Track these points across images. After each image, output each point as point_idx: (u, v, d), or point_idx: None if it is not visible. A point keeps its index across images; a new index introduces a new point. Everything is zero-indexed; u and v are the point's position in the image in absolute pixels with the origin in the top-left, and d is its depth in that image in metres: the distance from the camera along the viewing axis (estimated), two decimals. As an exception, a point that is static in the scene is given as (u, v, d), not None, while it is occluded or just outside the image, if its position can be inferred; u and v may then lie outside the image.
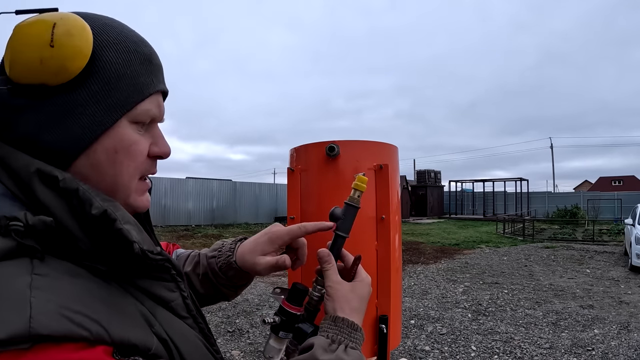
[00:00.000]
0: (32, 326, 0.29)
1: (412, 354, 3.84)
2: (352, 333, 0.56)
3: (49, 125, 0.41)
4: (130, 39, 0.46)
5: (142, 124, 0.47)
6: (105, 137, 0.43)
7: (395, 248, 0.92)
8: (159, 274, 0.46)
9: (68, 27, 0.40)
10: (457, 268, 8.19)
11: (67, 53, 0.39)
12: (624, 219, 11.56)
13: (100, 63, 0.43)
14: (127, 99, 0.44)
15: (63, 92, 0.41)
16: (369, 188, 0.90)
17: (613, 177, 54.57)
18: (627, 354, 3.76)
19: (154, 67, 0.48)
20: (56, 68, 0.39)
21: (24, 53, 0.39)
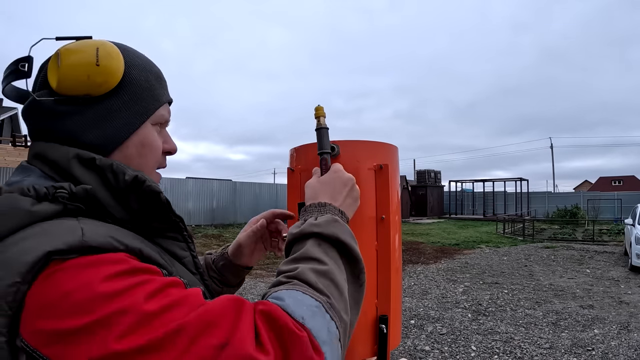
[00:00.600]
0: (84, 239, 0.40)
1: (412, 354, 3.84)
2: (320, 208, 0.63)
3: (90, 126, 0.52)
4: (145, 61, 0.59)
5: (159, 125, 0.60)
6: (135, 135, 0.55)
7: (395, 248, 0.92)
8: (174, 234, 0.56)
9: (108, 51, 0.51)
10: (457, 268, 8.19)
11: (109, 70, 0.51)
12: (624, 219, 11.56)
13: (128, 79, 0.54)
14: (149, 107, 0.57)
15: (101, 101, 0.52)
16: (369, 188, 0.90)
17: (613, 177, 54.58)
18: (627, 354, 3.76)
19: (163, 82, 0.62)
20: (100, 82, 0.51)
21: (73, 70, 0.50)
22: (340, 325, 0.48)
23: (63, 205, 0.44)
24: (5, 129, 21.32)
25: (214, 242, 11.84)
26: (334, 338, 0.46)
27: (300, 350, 0.41)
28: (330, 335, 0.46)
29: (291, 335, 0.41)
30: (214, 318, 0.40)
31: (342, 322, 0.49)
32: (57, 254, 0.39)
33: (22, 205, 0.42)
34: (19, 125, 23.40)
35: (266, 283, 6.54)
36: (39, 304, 0.37)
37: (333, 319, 0.47)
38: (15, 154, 14.35)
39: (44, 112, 0.51)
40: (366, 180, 0.89)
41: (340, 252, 0.57)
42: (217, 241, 12.03)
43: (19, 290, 0.37)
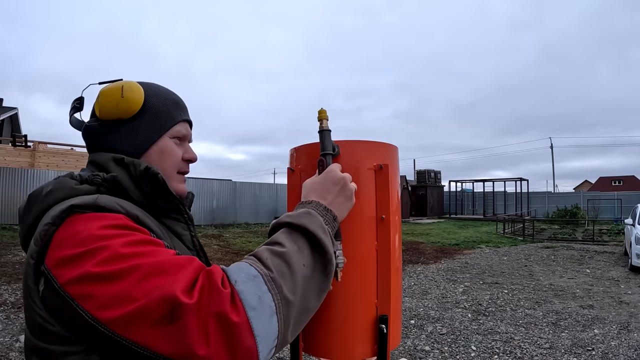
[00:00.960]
0: (97, 201, 0.59)
1: (412, 354, 3.83)
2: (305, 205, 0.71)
3: (122, 140, 0.72)
4: (164, 91, 0.79)
5: (177, 139, 0.78)
6: (155, 145, 0.74)
7: (395, 248, 0.92)
8: (176, 215, 0.74)
9: (130, 87, 0.72)
10: (457, 268, 8.18)
11: (131, 100, 0.71)
12: (624, 219, 11.55)
13: (149, 105, 0.74)
14: (166, 124, 0.76)
15: (129, 122, 0.72)
16: (369, 188, 0.90)
17: (613, 177, 54.55)
18: (627, 354, 3.76)
19: (180, 106, 0.80)
20: (125, 108, 0.71)
21: (107, 102, 0.71)
22: (279, 300, 0.54)
23: (97, 186, 0.65)
24: (5, 129, 21.31)
25: (214, 242, 11.83)
26: (266, 308, 0.52)
27: (217, 302, 0.49)
28: (262, 305, 0.52)
29: (215, 289, 0.50)
30: (167, 267, 0.52)
31: (284, 299, 0.55)
32: (77, 207, 0.57)
33: (69, 184, 0.63)
34: (19, 125, 23.39)
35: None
36: (58, 240, 0.55)
37: (270, 292, 0.53)
38: (15, 154, 14.34)
39: (92, 132, 0.74)
40: (366, 180, 0.89)
41: (309, 242, 0.63)
42: (217, 241, 12.03)
43: (49, 230, 0.56)
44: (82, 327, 0.52)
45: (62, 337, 0.55)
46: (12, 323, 4.31)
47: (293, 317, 0.56)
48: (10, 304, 4.91)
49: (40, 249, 0.56)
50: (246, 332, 0.50)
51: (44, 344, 0.56)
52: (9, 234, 11.03)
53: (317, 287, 0.62)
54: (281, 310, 0.54)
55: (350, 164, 0.87)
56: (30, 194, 0.66)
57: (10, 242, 9.69)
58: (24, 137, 15.46)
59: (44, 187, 0.64)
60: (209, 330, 0.48)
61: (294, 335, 0.58)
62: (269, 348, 0.52)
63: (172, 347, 0.48)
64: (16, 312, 4.65)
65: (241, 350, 0.49)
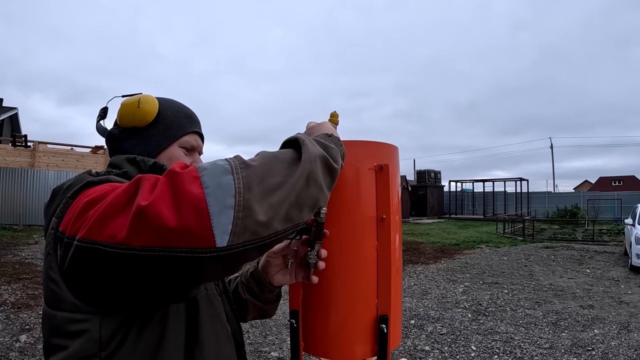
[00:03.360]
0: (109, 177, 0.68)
1: (412, 354, 3.84)
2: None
3: (137, 145, 0.81)
4: (178, 105, 0.87)
5: (186, 149, 0.85)
6: (165, 152, 0.82)
7: (395, 248, 0.92)
8: None
9: (146, 99, 0.81)
10: (457, 268, 8.19)
11: (146, 111, 0.80)
12: (624, 219, 11.55)
13: (162, 116, 0.83)
14: (176, 134, 0.84)
15: (144, 130, 0.81)
16: (370, 188, 0.90)
17: (613, 177, 54.55)
18: (627, 354, 3.76)
19: (192, 119, 0.88)
20: (140, 118, 0.80)
21: (126, 112, 0.80)
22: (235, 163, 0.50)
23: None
24: (5, 129, 21.31)
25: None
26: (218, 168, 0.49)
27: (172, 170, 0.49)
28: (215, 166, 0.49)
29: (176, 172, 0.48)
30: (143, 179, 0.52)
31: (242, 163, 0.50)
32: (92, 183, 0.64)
33: (86, 178, 0.67)
34: (19, 125, 23.39)
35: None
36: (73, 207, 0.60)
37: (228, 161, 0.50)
38: (15, 153, 14.34)
39: (113, 138, 0.83)
40: (366, 180, 0.89)
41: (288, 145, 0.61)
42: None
43: (68, 202, 0.62)
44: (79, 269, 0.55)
45: (67, 302, 0.58)
46: (12, 323, 4.31)
47: (256, 181, 0.49)
48: (10, 304, 4.91)
49: (59, 219, 0.61)
50: (191, 180, 0.47)
51: (52, 311, 0.60)
52: (9, 234, 11.03)
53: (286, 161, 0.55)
54: (238, 171, 0.49)
55: (350, 163, 0.87)
56: (54, 189, 0.72)
57: (11, 242, 9.69)
58: (24, 137, 15.46)
59: (65, 183, 0.71)
60: (156, 186, 0.48)
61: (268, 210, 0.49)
62: (224, 205, 0.46)
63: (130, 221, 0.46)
64: (16, 312, 4.65)
65: (185, 196, 0.45)
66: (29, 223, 12.87)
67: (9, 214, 12.88)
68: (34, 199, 13.10)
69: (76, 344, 0.58)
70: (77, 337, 0.58)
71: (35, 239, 10.29)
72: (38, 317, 4.52)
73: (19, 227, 12.19)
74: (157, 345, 0.62)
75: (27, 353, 3.61)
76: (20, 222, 12.76)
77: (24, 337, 3.94)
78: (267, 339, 4.16)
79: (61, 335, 0.59)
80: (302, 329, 0.93)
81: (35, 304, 4.95)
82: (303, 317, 0.92)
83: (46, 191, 12.67)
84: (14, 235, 10.94)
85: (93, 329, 0.58)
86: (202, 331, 0.70)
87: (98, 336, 0.58)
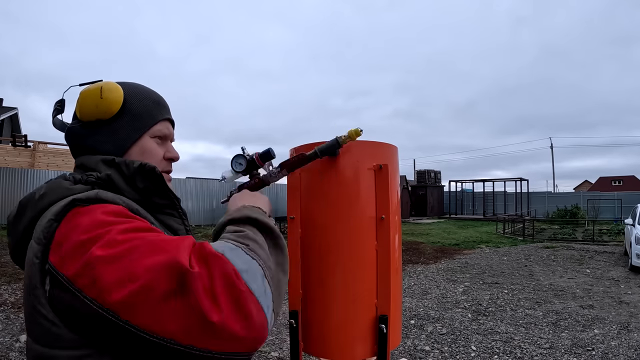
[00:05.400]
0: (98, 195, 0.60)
1: (412, 354, 3.83)
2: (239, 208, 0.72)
3: (103, 141, 0.72)
4: (144, 91, 0.78)
5: (158, 138, 0.78)
6: (136, 144, 0.75)
7: (395, 248, 0.92)
8: (171, 210, 0.74)
9: (109, 87, 0.71)
10: (457, 268, 8.18)
11: (110, 101, 0.71)
12: (624, 219, 11.55)
13: (128, 105, 0.74)
14: (145, 124, 0.76)
15: (109, 123, 0.73)
16: (369, 188, 0.90)
17: (613, 177, 54.51)
18: (627, 354, 3.76)
19: (161, 106, 0.80)
20: (104, 109, 0.71)
21: (87, 103, 0.71)
22: (264, 265, 0.56)
23: (92, 185, 0.65)
24: (5, 129, 21.30)
25: (214, 242, 11.81)
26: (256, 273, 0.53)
27: (220, 267, 0.50)
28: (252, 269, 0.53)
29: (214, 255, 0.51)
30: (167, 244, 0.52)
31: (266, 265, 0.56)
32: (79, 201, 0.58)
33: (63, 185, 0.63)
34: (19, 126, 23.38)
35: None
36: (61, 234, 0.55)
37: (254, 259, 0.55)
38: (15, 153, 14.33)
39: (74, 134, 0.74)
40: (366, 181, 0.89)
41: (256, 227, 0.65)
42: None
43: (52, 226, 0.56)
44: (90, 321, 0.51)
45: (67, 340, 0.54)
46: (12, 323, 4.31)
47: (274, 285, 0.56)
48: (10, 304, 4.91)
49: (44, 247, 0.55)
50: (249, 295, 0.50)
51: (48, 350, 0.54)
52: (9, 234, 11.02)
53: (281, 264, 0.63)
54: (267, 274, 0.55)
55: (350, 164, 0.87)
56: (21, 201, 0.65)
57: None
58: (24, 137, 15.45)
59: (36, 192, 0.64)
60: (217, 296, 0.48)
61: (279, 307, 0.58)
62: (270, 311, 0.53)
63: (182, 321, 0.47)
64: (16, 312, 4.65)
65: (250, 312, 0.49)
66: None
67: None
68: (34, 199, 13.08)
69: None
70: None
71: (35, 239, 10.26)
72: (38, 317, 4.51)
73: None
74: None
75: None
76: (20, 222, 12.75)
77: (24, 337, 3.94)
78: (267, 339, 4.15)
79: None
80: (301, 329, 0.92)
81: (35, 304, 4.95)
82: (303, 317, 0.92)
83: (46, 191, 12.63)
84: (14, 235, 10.94)
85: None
86: None
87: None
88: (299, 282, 0.93)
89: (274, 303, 0.54)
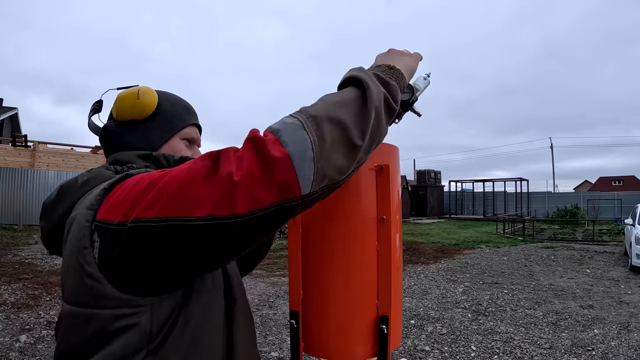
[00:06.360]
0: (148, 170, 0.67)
1: (412, 354, 3.84)
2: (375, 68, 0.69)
3: (137, 139, 0.78)
4: (176, 98, 0.86)
5: (187, 140, 0.84)
6: (166, 144, 0.80)
7: (396, 248, 0.92)
8: None
9: (146, 91, 0.78)
10: (457, 268, 8.19)
11: (145, 102, 0.77)
12: (624, 219, 11.55)
13: (161, 108, 0.80)
14: (176, 126, 0.82)
15: (143, 122, 0.79)
16: (370, 188, 0.90)
17: (613, 177, 54.54)
18: (627, 354, 3.76)
19: (190, 112, 0.86)
20: (140, 110, 0.77)
21: (124, 104, 0.77)
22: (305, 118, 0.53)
23: None
24: (5, 129, 21.31)
25: (214, 242, 11.81)
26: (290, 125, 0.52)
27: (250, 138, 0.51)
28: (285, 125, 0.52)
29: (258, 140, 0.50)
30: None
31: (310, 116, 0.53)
32: (131, 175, 0.61)
33: (106, 173, 0.68)
34: (19, 125, 23.39)
35: (266, 283, 6.54)
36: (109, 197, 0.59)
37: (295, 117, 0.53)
38: (15, 153, 14.33)
39: (110, 133, 0.79)
40: (367, 181, 0.89)
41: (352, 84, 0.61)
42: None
43: (104, 194, 0.60)
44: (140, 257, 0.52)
45: (112, 298, 0.55)
46: (12, 323, 4.31)
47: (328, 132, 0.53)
48: (10, 304, 4.91)
49: (95, 212, 0.58)
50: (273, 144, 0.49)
51: (91, 310, 0.56)
52: (9, 234, 11.03)
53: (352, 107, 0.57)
54: (309, 125, 0.52)
55: (350, 164, 0.87)
56: (62, 186, 0.68)
57: (11, 242, 9.69)
58: (24, 137, 15.45)
59: (78, 178, 0.68)
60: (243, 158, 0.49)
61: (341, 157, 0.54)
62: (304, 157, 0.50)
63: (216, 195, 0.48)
64: (16, 312, 4.65)
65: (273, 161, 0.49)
66: (29, 223, 12.86)
67: (9, 214, 12.88)
68: (34, 199, 13.09)
69: (121, 340, 0.55)
70: (123, 333, 0.55)
71: (35, 239, 10.28)
72: (38, 317, 4.52)
73: (19, 227, 12.19)
74: (200, 331, 0.61)
75: (27, 353, 3.61)
76: (20, 222, 12.76)
77: (24, 337, 3.94)
78: (267, 339, 4.16)
79: (103, 335, 0.55)
80: (302, 330, 0.92)
81: (35, 304, 4.95)
82: (303, 317, 0.92)
83: (46, 191, 12.65)
84: (14, 235, 10.94)
85: (143, 322, 0.55)
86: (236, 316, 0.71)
87: (148, 329, 0.56)
88: (299, 283, 0.93)
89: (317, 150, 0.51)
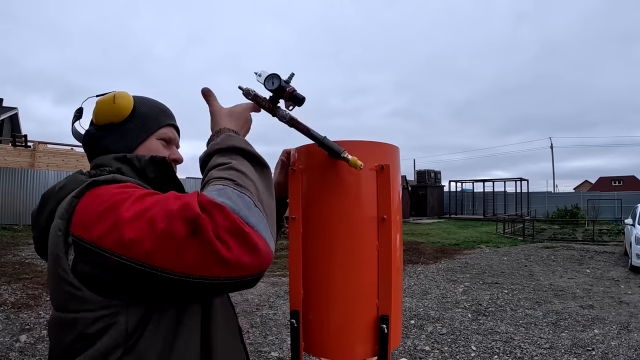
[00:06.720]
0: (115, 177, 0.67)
1: (412, 354, 3.84)
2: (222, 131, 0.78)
3: (115, 141, 0.81)
4: (152, 101, 0.89)
5: (164, 140, 0.86)
6: (143, 145, 0.83)
7: (396, 248, 0.92)
8: None
9: (121, 95, 0.81)
10: (457, 268, 8.19)
11: (121, 106, 0.80)
12: (624, 219, 11.56)
13: (138, 111, 0.83)
14: (153, 126, 0.85)
15: (121, 125, 0.82)
16: (371, 188, 0.90)
17: (613, 177, 54.52)
18: (627, 354, 3.76)
19: (166, 113, 0.89)
20: (116, 113, 0.80)
21: (101, 108, 0.81)
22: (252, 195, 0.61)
23: None
24: (5, 129, 21.30)
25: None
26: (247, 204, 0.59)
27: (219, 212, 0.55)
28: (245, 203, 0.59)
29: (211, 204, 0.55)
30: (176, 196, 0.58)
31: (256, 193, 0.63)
32: (97, 182, 0.64)
33: (80, 178, 0.70)
34: (19, 126, 23.38)
35: (266, 283, 6.54)
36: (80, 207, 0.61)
37: (243, 193, 0.60)
38: (15, 153, 14.33)
39: (90, 137, 0.82)
40: (367, 181, 0.89)
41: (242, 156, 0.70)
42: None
43: (73, 202, 0.62)
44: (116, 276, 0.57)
45: (91, 302, 0.59)
46: (12, 323, 4.31)
47: (266, 209, 0.63)
48: (10, 304, 4.91)
49: (67, 221, 0.61)
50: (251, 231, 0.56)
51: (72, 314, 0.60)
52: (9, 234, 11.03)
53: (267, 184, 0.69)
54: (256, 201, 0.61)
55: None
56: (43, 194, 0.72)
57: (11, 242, 9.69)
58: (24, 137, 15.45)
59: (56, 185, 0.71)
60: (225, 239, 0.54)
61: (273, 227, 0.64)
62: (269, 235, 0.59)
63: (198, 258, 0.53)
64: (16, 312, 4.65)
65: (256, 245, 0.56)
66: (29, 223, 12.81)
67: (9, 214, 12.88)
68: (34, 199, 13.08)
69: (103, 339, 0.59)
70: (104, 333, 0.59)
71: (35, 239, 10.27)
72: (38, 317, 4.52)
73: (19, 227, 12.19)
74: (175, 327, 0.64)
75: (27, 353, 3.61)
76: (20, 222, 12.75)
77: (24, 337, 3.94)
78: (267, 339, 4.16)
79: (86, 337, 0.59)
80: (302, 329, 0.93)
81: (35, 304, 4.95)
82: (303, 317, 0.93)
83: (46, 191, 12.63)
84: (14, 235, 10.94)
85: (120, 321, 0.59)
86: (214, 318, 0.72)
87: (125, 327, 0.59)
88: (300, 282, 0.93)
89: (269, 225, 0.61)
